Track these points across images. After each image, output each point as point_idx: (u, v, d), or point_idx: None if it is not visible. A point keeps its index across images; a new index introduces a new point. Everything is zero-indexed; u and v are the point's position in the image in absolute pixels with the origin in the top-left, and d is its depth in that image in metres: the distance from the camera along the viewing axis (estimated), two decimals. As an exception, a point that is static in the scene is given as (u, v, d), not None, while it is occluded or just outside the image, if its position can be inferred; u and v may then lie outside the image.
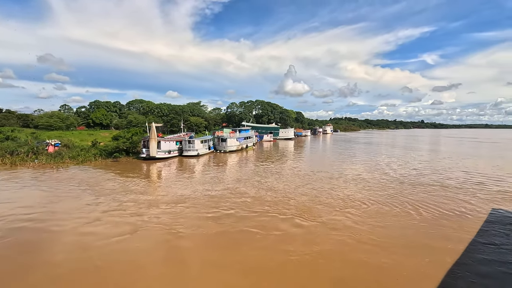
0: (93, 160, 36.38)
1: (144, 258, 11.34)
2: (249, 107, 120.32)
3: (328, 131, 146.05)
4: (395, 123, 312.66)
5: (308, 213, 16.70)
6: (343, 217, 16.09)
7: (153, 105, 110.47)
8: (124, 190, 21.80)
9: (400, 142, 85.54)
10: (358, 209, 17.58)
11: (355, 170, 32.30)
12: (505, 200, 19.99)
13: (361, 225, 14.77)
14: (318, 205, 18.37)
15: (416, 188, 23.36)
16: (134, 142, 40.49)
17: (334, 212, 16.99)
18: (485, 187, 23.74)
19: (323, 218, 15.81)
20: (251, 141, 59.41)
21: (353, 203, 18.87)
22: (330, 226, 14.66)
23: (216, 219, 15.74)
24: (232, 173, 30.08)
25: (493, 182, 25.65)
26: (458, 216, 16.52)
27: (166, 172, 30.72)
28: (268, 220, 15.58)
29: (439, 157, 45.46)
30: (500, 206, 18.43)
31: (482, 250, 12.09)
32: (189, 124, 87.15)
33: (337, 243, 12.71)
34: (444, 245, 12.52)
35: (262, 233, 13.77)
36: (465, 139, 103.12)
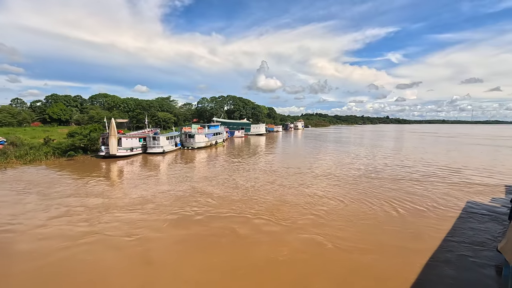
0: (44, 159, 33.24)
1: (99, 268, 10.10)
2: (220, 102, 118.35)
3: (299, 127, 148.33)
4: (362, 119, 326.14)
5: (277, 212, 16.19)
6: (313, 215, 15.76)
7: (118, 99, 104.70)
8: (77, 193, 19.91)
9: (367, 137, 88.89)
10: (328, 206, 17.37)
11: (325, 165, 32.61)
12: (473, 192, 20.94)
13: (331, 224, 14.44)
14: (287, 203, 17.94)
15: (386, 183, 23.84)
16: (93, 139, 37.67)
17: (304, 210, 16.61)
18: (450, 180, 24.85)
19: (292, 218, 15.34)
20: (221, 137, 58.19)
21: (323, 200, 18.68)
22: (299, 226, 14.20)
23: (179, 222, 14.75)
24: (199, 171, 28.93)
25: (457, 175, 27.02)
26: (428, 211, 16.71)
27: (127, 172, 28.82)
28: (234, 221, 14.84)
29: (405, 152, 47.61)
30: (470, 198, 19.22)
31: (453, 247, 12.20)
32: (157, 119, 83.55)
33: (305, 244, 12.30)
34: (416, 244, 12.29)
35: (228, 237, 13.02)
36: (426, 134, 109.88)
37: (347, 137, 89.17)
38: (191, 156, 40.31)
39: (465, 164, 33.46)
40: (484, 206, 17.71)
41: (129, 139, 37.78)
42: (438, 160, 36.73)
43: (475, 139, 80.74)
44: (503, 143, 67.30)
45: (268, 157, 39.72)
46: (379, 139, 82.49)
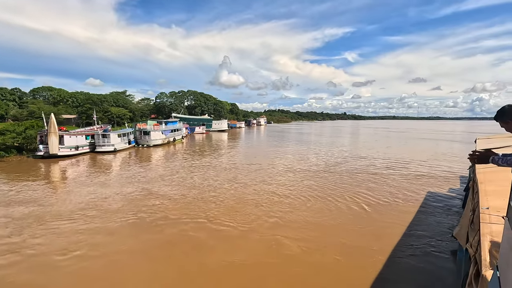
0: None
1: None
2: (180, 97, 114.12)
3: (262, 123, 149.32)
4: (322, 115, 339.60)
5: (235, 214, 15.27)
6: (274, 216, 15.01)
7: (66, 93, 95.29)
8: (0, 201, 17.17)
9: (327, 133, 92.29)
10: (291, 206, 16.83)
11: (287, 161, 32.65)
12: (431, 184, 22.00)
13: (292, 225, 13.79)
14: (247, 203, 17.13)
15: (347, 178, 24.08)
16: (29, 138, 33.43)
17: (264, 210, 15.86)
18: (408, 173, 26.01)
19: (251, 219, 14.48)
20: (180, 134, 55.80)
21: (285, 199, 18.17)
22: (258, 228, 13.38)
23: (127, 230, 13.29)
24: (153, 170, 27.06)
25: (414, 168, 28.56)
26: (389, 206, 16.83)
27: (70, 173, 25.94)
28: (190, 226, 13.68)
29: (363, 146, 49.93)
30: (428, 190, 20.12)
31: (414, 241, 12.36)
32: (110, 115, 77.69)
33: (265, 246, 11.64)
34: (378, 242, 12.03)
35: (182, 244, 11.94)
36: (379, 129, 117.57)
37: (308, 133, 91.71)
38: (146, 155, 37.88)
39: (419, 157, 35.72)
40: (441, 196, 18.76)
41: (73, 137, 34.14)
42: (393, 154, 38.96)
43: (422, 134, 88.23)
44: (449, 137, 74.21)
45: (230, 154, 38.87)
46: (338, 134, 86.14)
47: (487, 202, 5.50)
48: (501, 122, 3.04)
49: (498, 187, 6.48)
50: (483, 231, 4.16)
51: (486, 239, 3.85)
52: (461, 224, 8.94)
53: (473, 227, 5.45)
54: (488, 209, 5.12)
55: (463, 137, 74.09)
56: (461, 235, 8.07)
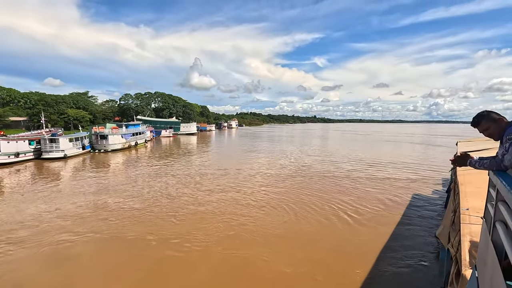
0: None
1: None
2: (147, 99, 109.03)
3: (233, 126, 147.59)
4: (293, 118, 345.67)
5: (196, 230, 13.49)
6: (242, 230, 13.42)
7: (17, 93, 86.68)
8: None
9: (298, 135, 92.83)
10: (262, 217, 15.35)
11: (256, 165, 31.33)
12: (407, 187, 21.64)
13: (261, 241, 12.20)
14: (211, 216, 15.32)
15: (321, 182, 23.22)
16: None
17: (231, 224, 14.19)
18: (383, 176, 25.69)
19: (215, 235, 12.68)
20: (142, 138, 52.39)
21: (255, 209, 16.66)
22: (220, 246, 11.82)
23: (60, 254, 11.07)
24: (105, 179, 24.31)
25: (388, 171, 28.46)
26: (370, 212, 16.02)
27: (1, 186, 22.43)
28: (137, 247, 11.74)
29: (333, 149, 50.06)
30: (406, 192, 19.64)
31: (397, 249, 11.48)
32: (67, 118, 71.58)
33: (223, 269, 10.08)
34: (360, 254, 10.96)
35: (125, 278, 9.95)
36: (347, 132, 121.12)
37: (279, 136, 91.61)
38: (101, 161, 34.58)
39: (390, 159, 36.18)
40: (424, 198, 18.69)
41: (12, 142, 30.02)
42: (364, 156, 39.21)
43: (387, 136, 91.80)
44: (412, 140, 77.55)
45: (196, 158, 36.74)
46: (308, 137, 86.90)
47: (467, 203, 5.55)
48: (481, 127, 3.02)
49: (477, 188, 6.55)
50: (463, 231, 4.26)
51: (466, 239, 3.95)
52: (443, 224, 9.23)
53: (454, 228, 5.61)
54: (468, 210, 5.17)
55: (424, 139, 78.20)
56: (443, 235, 8.37)
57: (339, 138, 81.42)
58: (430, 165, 32.42)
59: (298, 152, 45.10)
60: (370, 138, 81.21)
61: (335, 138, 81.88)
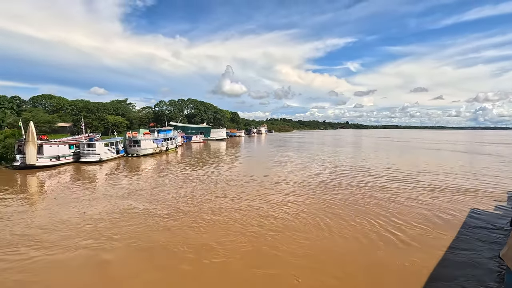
0: None
1: None
2: (180, 106, 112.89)
3: (263, 132, 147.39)
4: (324, 124, 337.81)
5: (216, 242, 12.92)
6: (270, 245, 12.48)
7: (65, 101, 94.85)
8: None
9: (330, 142, 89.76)
10: (290, 231, 14.53)
11: (286, 172, 30.48)
12: (461, 200, 19.57)
13: (296, 260, 11.34)
14: (233, 227, 14.70)
15: (357, 193, 21.73)
16: (9, 147, 31.61)
17: (254, 236, 13.39)
18: (428, 186, 23.63)
19: (235, 251, 11.91)
20: (173, 143, 53.79)
21: (280, 221, 15.70)
22: (240, 264, 11.04)
23: (87, 260, 11.04)
24: (136, 183, 24.85)
25: (432, 180, 26.06)
26: (418, 230, 14.27)
27: (41, 187, 23.89)
28: (156, 256, 11.42)
29: (368, 156, 47.34)
30: (462, 207, 17.73)
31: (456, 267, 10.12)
32: (106, 124, 76.22)
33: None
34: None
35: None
36: (382, 138, 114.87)
37: (309, 142, 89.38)
38: (133, 165, 35.77)
39: (433, 169, 33.20)
40: (483, 215, 16.66)
41: (54, 146, 32.20)
42: (402, 165, 36.39)
43: (428, 143, 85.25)
44: (457, 148, 71.22)
45: (224, 164, 36.61)
46: (340, 143, 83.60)
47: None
48: None
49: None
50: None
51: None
52: (509, 244, 8.43)
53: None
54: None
55: (470, 147, 71.17)
56: (509, 256, 7.75)
57: (373, 145, 77.17)
58: (483, 176, 28.97)
59: (329, 159, 43.11)
60: (408, 145, 75.88)
61: (369, 145, 77.75)
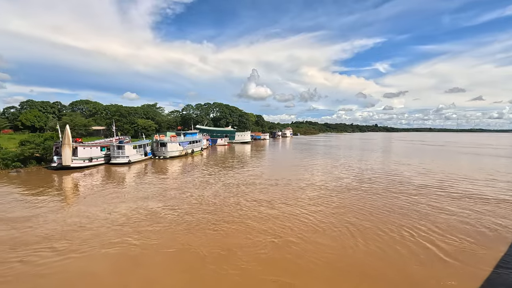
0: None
1: None
2: (206, 109, 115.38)
3: (288, 135, 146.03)
4: (352, 127, 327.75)
5: (236, 247, 12.72)
6: (285, 251, 12.09)
7: (100, 106, 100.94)
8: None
9: (356, 145, 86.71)
10: (308, 238, 14.09)
11: (312, 176, 29.79)
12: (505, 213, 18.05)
13: (325, 275, 10.92)
14: (257, 232, 14.40)
15: (387, 200, 20.60)
16: (48, 148, 33.87)
17: (274, 243, 12.97)
18: (467, 194, 21.97)
19: (255, 258, 11.61)
20: (199, 146, 54.76)
21: (303, 228, 15.19)
22: (258, 271, 10.68)
23: (115, 260, 11.30)
24: (160, 185, 25.41)
25: (473, 188, 24.23)
26: (463, 245, 13.13)
27: (74, 187, 25.15)
28: (175, 260, 11.43)
29: (399, 160, 45.02)
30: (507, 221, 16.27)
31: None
32: (136, 127, 79.71)
33: None
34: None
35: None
36: (414, 142, 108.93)
37: (336, 145, 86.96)
38: (160, 167, 36.77)
39: (473, 176, 30.76)
40: None
41: (87, 149, 34.02)
42: (441, 171, 34.08)
43: (466, 148, 79.36)
44: (504, 153, 65.65)
45: (248, 167, 36.50)
46: (369, 146, 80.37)
47: None
48: None
49: None
50: None
51: None
52: None
53: None
54: None
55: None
56: None
57: (405, 149, 73.15)
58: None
59: (357, 163, 41.39)
60: (443, 150, 71.04)
61: (399, 149, 73.86)
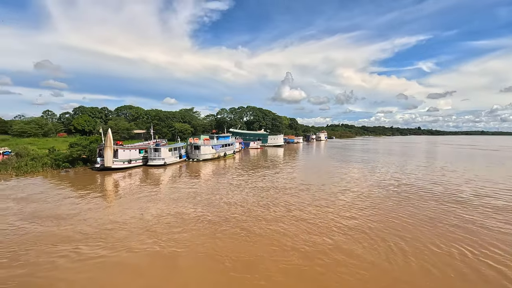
0: (41, 170, 32.35)
1: None
2: (240, 113, 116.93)
3: (322, 138, 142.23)
4: (391, 130, 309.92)
5: (264, 254, 12.40)
6: (314, 263, 11.38)
7: (142, 111, 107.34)
8: (22, 211, 17.74)
9: (396, 149, 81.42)
10: (342, 249, 13.26)
11: (345, 182, 28.39)
12: None
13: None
14: (282, 240, 13.82)
15: (436, 211, 18.82)
16: (93, 150, 36.55)
17: (304, 254, 12.40)
18: None
19: (283, 271, 11.20)
20: (231, 149, 55.36)
21: (336, 237, 14.41)
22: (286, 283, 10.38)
23: (140, 261, 11.65)
24: (191, 187, 25.86)
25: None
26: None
27: (112, 187, 26.64)
28: (201, 266, 11.40)
29: (446, 167, 41.33)
30: None
31: None
32: (174, 130, 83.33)
33: None
34: None
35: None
36: (464, 146, 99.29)
37: (374, 149, 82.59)
38: (193, 169, 37.71)
39: None
40: None
41: (126, 151, 36.09)
42: (500, 180, 30.50)
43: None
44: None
45: (279, 171, 35.89)
46: (410, 150, 74.90)
47: None
48: None
49: None
50: None
51: None
52: None
53: None
54: None
55: None
56: None
57: (452, 154, 66.76)
58: None
59: (397, 169, 38.53)
60: (499, 156, 63.47)
61: (446, 154, 67.61)
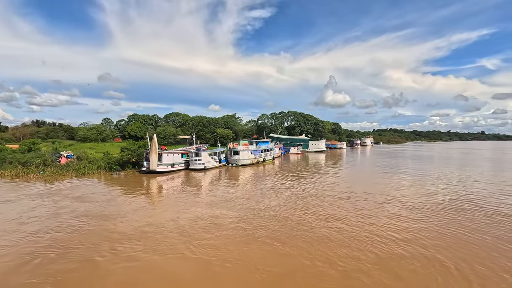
0: (96, 172, 35.51)
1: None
2: (280, 118, 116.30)
3: (368, 143, 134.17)
4: (449, 135, 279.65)
5: (299, 274, 11.79)
6: (354, 283, 10.49)
7: (188, 117, 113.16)
8: (66, 211, 19.27)
9: (454, 156, 73.03)
10: (389, 271, 12.05)
11: (392, 191, 26.25)
12: None
13: None
14: (322, 259, 13.02)
15: (504, 229, 16.61)
16: (141, 154, 39.12)
17: (344, 270, 11.58)
18: None
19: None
20: (270, 154, 54.88)
21: (379, 255, 13.12)
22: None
23: (169, 264, 11.91)
24: (229, 192, 25.96)
25: None
26: None
27: (153, 190, 27.93)
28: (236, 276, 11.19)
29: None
30: None
31: None
32: (216, 136, 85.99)
33: None
34: None
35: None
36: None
37: (427, 156, 75.35)
38: (232, 174, 38.06)
39: None
40: None
41: (170, 155, 37.87)
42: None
43: None
44: None
45: (320, 178, 34.42)
46: (474, 160, 66.49)
47: None
48: None
49: None
50: None
51: None
52: None
53: None
54: None
55: None
56: None
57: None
58: None
59: (455, 180, 34.27)
60: None
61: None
